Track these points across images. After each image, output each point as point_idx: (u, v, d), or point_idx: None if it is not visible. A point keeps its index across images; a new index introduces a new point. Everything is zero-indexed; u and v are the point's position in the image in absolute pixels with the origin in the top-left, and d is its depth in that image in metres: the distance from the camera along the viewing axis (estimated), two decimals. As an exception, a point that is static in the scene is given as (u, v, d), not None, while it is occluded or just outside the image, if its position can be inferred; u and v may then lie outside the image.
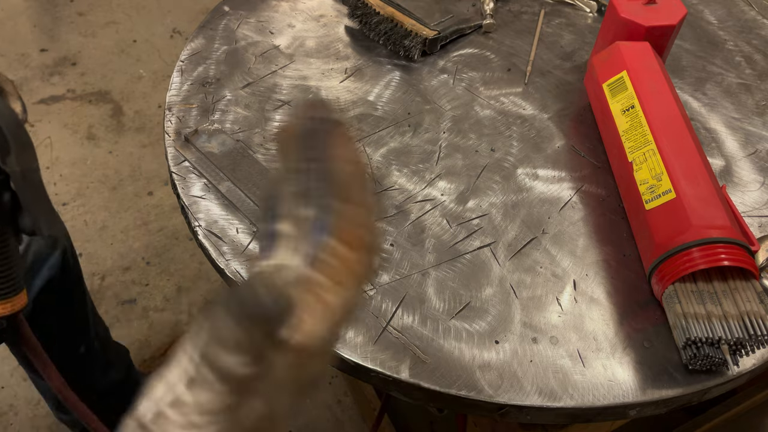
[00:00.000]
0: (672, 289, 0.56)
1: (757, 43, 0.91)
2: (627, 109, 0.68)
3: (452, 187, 0.69)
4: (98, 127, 1.86)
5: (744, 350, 0.52)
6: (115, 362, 1.08)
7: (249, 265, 0.57)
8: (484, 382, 0.53)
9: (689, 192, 0.58)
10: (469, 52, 0.87)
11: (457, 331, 0.57)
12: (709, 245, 0.54)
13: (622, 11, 0.76)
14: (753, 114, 0.80)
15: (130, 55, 2.10)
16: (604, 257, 0.63)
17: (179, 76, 0.80)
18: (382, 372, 0.54)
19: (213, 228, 0.64)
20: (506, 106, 0.79)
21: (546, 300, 0.60)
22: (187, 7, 2.29)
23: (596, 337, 0.57)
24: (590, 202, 0.68)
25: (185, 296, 1.50)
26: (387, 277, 0.61)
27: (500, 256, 0.63)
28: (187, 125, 0.74)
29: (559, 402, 0.53)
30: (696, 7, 0.98)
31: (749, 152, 0.75)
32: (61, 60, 2.07)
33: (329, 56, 0.85)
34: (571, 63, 0.86)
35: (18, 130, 0.42)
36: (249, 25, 0.89)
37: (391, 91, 0.80)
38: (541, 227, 0.66)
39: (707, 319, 0.53)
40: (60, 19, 2.23)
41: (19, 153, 0.42)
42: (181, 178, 0.68)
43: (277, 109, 0.77)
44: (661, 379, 0.54)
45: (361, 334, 0.56)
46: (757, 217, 0.68)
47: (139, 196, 1.69)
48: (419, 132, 0.75)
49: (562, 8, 0.96)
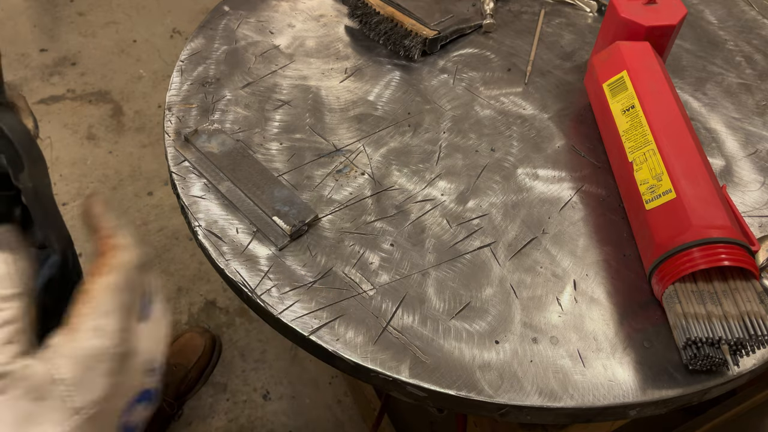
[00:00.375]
0: (672, 289, 0.56)
1: (757, 43, 0.91)
2: (627, 109, 0.68)
3: (452, 187, 0.69)
4: (98, 127, 1.86)
5: (744, 350, 0.52)
6: None
7: None
8: (484, 382, 0.53)
9: (689, 192, 0.58)
10: (469, 52, 0.87)
11: (457, 331, 0.57)
12: (710, 245, 0.54)
13: (622, 11, 0.76)
14: (753, 114, 0.80)
15: (130, 55, 2.10)
16: (604, 257, 0.63)
17: (179, 76, 0.80)
18: (382, 372, 0.54)
19: (213, 228, 0.64)
20: (506, 106, 0.79)
21: (546, 300, 0.60)
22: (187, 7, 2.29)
23: (596, 337, 0.57)
24: (590, 202, 0.68)
25: (185, 296, 1.50)
26: (387, 277, 0.61)
27: (500, 256, 0.63)
28: (187, 125, 0.74)
29: (559, 402, 0.53)
30: (696, 7, 0.98)
31: (749, 152, 0.75)
32: (61, 60, 2.07)
33: (329, 56, 0.85)
34: (571, 63, 0.86)
35: (30, 146, 0.43)
36: (249, 25, 0.89)
37: (391, 91, 0.80)
38: (541, 227, 0.66)
39: (707, 319, 0.53)
40: (60, 19, 2.23)
41: (31, 168, 0.42)
42: (181, 178, 0.68)
43: (277, 109, 0.77)
44: (661, 379, 0.54)
45: (361, 334, 0.56)
46: (758, 217, 0.68)
47: (139, 196, 1.69)
48: (419, 132, 0.75)
49: (562, 8, 0.96)
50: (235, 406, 1.33)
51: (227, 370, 1.38)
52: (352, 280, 0.60)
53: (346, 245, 0.63)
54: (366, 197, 0.68)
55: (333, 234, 0.64)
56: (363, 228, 0.65)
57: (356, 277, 0.60)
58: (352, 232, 0.64)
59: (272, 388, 1.36)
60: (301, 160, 0.71)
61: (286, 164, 0.70)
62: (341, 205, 0.67)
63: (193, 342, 1.36)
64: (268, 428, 1.30)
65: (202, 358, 1.34)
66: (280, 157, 0.71)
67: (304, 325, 0.57)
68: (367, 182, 0.69)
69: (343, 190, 0.68)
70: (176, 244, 1.59)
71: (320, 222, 0.65)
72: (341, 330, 0.56)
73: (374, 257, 0.62)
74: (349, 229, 0.65)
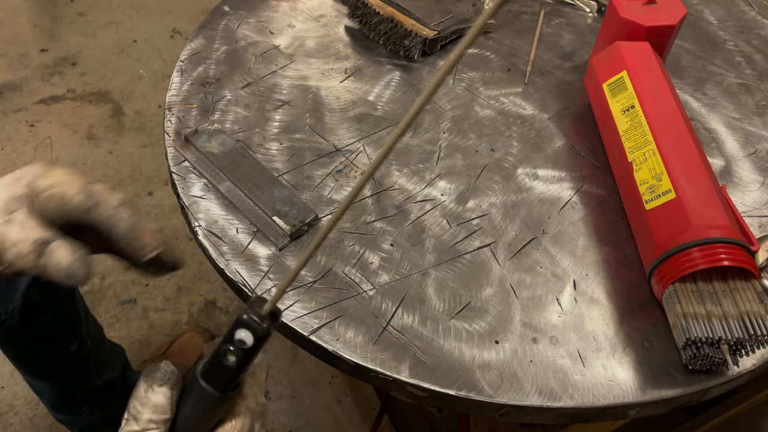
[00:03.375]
0: (672, 289, 0.56)
1: (757, 43, 0.91)
2: (627, 109, 0.68)
3: (452, 187, 0.69)
4: (98, 127, 1.86)
5: (744, 350, 0.52)
6: (109, 361, 1.07)
7: None
8: (484, 382, 0.54)
9: (689, 192, 0.58)
10: (469, 52, 0.87)
11: (457, 331, 0.57)
12: (709, 245, 0.54)
13: (622, 11, 0.76)
14: (753, 114, 0.80)
15: (130, 55, 2.10)
16: (604, 257, 0.63)
17: (179, 76, 0.80)
18: (382, 372, 0.54)
19: (213, 228, 0.64)
20: (506, 106, 0.79)
21: (546, 300, 0.60)
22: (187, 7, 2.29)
23: (596, 337, 0.57)
24: (590, 202, 0.68)
25: (185, 296, 1.50)
26: (387, 277, 0.61)
27: (500, 256, 0.63)
28: (187, 125, 0.74)
29: (559, 402, 0.53)
30: (696, 7, 0.98)
31: (749, 152, 0.75)
32: (61, 60, 2.07)
33: (329, 56, 0.85)
34: (571, 63, 0.86)
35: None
36: (249, 25, 0.89)
37: (391, 91, 0.80)
38: (541, 227, 0.66)
39: (707, 319, 0.53)
40: (60, 19, 2.23)
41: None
42: (181, 178, 0.68)
43: (277, 109, 0.77)
44: (661, 379, 0.54)
45: (361, 334, 0.56)
46: (757, 217, 0.68)
47: (139, 196, 1.69)
48: (419, 132, 0.75)
49: (562, 8, 0.96)
50: (235, 406, 1.33)
51: (227, 370, 1.38)
52: (352, 280, 0.60)
53: (346, 245, 0.63)
54: (366, 197, 0.68)
55: (333, 234, 0.64)
56: (363, 228, 0.65)
57: (356, 277, 0.60)
58: (352, 232, 0.64)
59: (272, 388, 1.36)
60: (301, 160, 0.71)
61: (286, 164, 0.70)
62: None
63: (193, 342, 1.36)
64: (268, 428, 1.30)
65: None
66: (280, 157, 0.71)
67: (304, 325, 0.57)
68: (367, 182, 0.69)
69: (343, 190, 0.68)
70: (176, 244, 1.59)
71: (320, 222, 0.65)
72: (341, 330, 0.56)
73: (374, 257, 0.62)
74: (349, 229, 0.65)
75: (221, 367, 0.40)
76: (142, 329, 1.44)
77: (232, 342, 0.39)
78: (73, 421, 1.10)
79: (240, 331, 0.39)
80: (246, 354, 0.39)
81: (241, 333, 0.39)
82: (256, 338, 0.38)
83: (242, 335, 0.38)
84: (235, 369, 0.40)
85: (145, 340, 1.42)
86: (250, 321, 0.38)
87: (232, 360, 0.39)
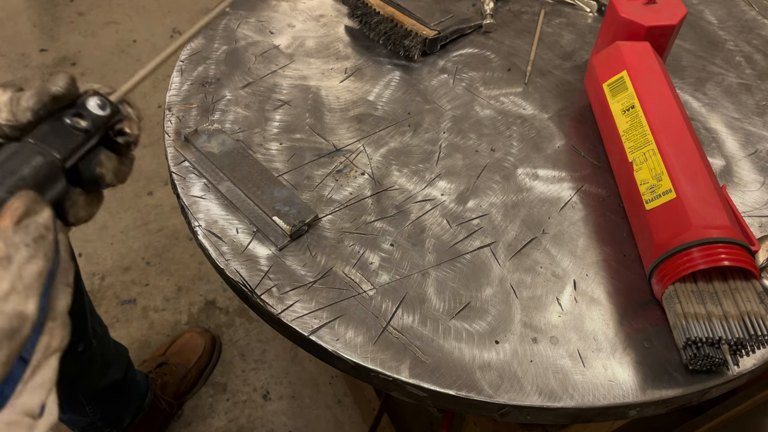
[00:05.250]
0: (672, 289, 0.56)
1: (757, 43, 0.91)
2: (627, 109, 0.68)
3: (452, 187, 0.69)
4: (98, 127, 1.86)
5: (744, 350, 0.52)
6: (113, 361, 1.08)
7: None
8: (484, 382, 0.53)
9: (689, 192, 0.58)
10: (469, 52, 0.87)
11: (457, 331, 0.57)
12: (709, 245, 0.54)
13: (622, 11, 0.76)
14: (753, 114, 0.80)
15: (130, 55, 2.10)
16: (604, 257, 0.63)
17: (179, 76, 0.80)
18: (382, 372, 0.54)
19: (213, 228, 0.64)
20: (506, 106, 0.79)
21: (546, 300, 0.60)
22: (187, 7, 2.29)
23: (596, 337, 0.57)
24: (590, 202, 0.68)
25: (185, 296, 1.50)
26: (387, 277, 0.61)
27: (500, 256, 0.63)
28: (187, 125, 0.74)
29: (559, 402, 0.53)
30: (696, 7, 0.98)
31: (749, 152, 0.75)
32: (61, 60, 2.07)
33: (329, 56, 0.85)
34: (571, 63, 0.86)
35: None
36: (249, 24, 0.89)
37: (391, 91, 0.80)
38: (541, 227, 0.66)
39: (707, 319, 0.53)
40: (60, 19, 2.23)
41: None
42: (181, 178, 0.68)
43: (277, 109, 0.77)
44: (661, 379, 0.54)
45: (361, 334, 0.56)
46: (757, 217, 0.68)
47: (139, 196, 1.69)
48: (419, 132, 0.75)
49: (562, 8, 0.96)
50: (235, 406, 1.33)
51: (227, 370, 1.38)
52: (352, 280, 0.60)
53: (346, 245, 0.63)
54: (366, 197, 0.68)
55: (333, 234, 0.64)
56: (363, 228, 0.65)
57: (356, 277, 0.60)
58: (352, 232, 0.64)
59: (272, 388, 1.36)
60: (301, 160, 0.71)
61: (286, 164, 0.70)
62: (341, 205, 0.67)
63: (193, 342, 1.36)
64: (268, 428, 1.30)
65: (202, 358, 1.34)
66: (280, 157, 0.71)
67: (304, 325, 0.57)
68: (367, 182, 0.69)
69: (343, 190, 0.68)
70: (176, 244, 1.59)
71: (320, 222, 0.65)
72: (341, 330, 0.56)
73: (374, 257, 0.62)
74: (349, 229, 0.65)
75: (64, 128, 0.38)
76: (142, 329, 1.44)
77: (83, 107, 0.38)
78: (74, 421, 1.10)
79: (91, 99, 0.39)
80: (96, 123, 0.39)
81: (91, 102, 0.38)
82: (111, 110, 0.40)
83: (93, 104, 0.39)
84: (87, 132, 0.39)
85: (145, 340, 1.42)
86: (102, 97, 0.39)
87: (82, 124, 0.38)
